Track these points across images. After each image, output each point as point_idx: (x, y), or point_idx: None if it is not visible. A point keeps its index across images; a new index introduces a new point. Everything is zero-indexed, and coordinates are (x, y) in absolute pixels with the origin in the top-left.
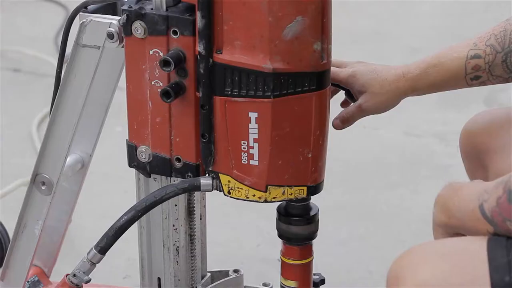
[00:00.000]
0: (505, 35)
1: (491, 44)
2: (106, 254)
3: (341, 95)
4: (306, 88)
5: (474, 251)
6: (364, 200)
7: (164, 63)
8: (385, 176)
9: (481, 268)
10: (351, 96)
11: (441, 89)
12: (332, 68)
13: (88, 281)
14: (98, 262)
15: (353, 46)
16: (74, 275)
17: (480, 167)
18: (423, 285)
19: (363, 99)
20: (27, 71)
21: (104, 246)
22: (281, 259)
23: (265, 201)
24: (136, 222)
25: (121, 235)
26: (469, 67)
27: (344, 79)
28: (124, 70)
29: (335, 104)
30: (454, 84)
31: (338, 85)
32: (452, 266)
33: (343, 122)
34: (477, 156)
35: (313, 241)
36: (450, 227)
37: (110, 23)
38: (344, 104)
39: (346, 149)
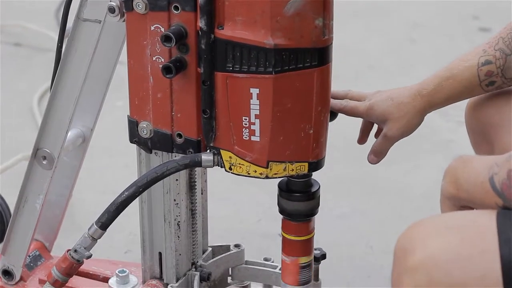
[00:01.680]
0: None
1: (500, 48)
2: (107, 229)
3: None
4: (308, 64)
5: (484, 224)
6: (365, 175)
7: (166, 39)
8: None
9: (490, 241)
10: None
11: (459, 99)
12: (352, 103)
13: (89, 256)
14: (99, 237)
15: (355, 20)
16: (75, 251)
17: (485, 141)
18: (431, 258)
19: (386, 128)
20: (28, 45)
21: (105, 221)
22: (282, 235)
23: (266, 177)
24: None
25: (122, 211)
26: (482, 74)
27: (364, 114)
28: (125, 44)
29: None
30: (471, 92)
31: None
32: (461, 239)
33: (377, 156)
34: (482, 130)
35: (314, 216)
36: (458, 200)
37: None
38: (377, 134)
39: (348, 124)
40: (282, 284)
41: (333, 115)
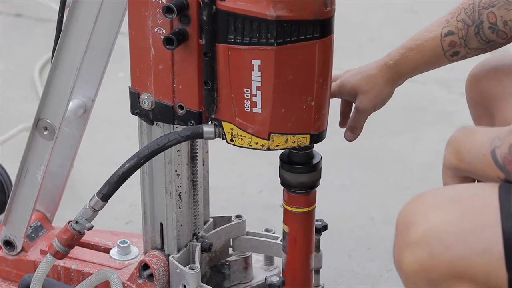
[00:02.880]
0: (473, 8)
1: (462, 18)
2: (108, 201)
3: None
4: (310, 36)
5: (486, 197)
6: (367, 146)
7: (167, 10)
8: (388, 122)
9: (492, 215)
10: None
11: (427, 69)
12: None
13: (91, 228)
14: (101, 209)
15: None
16: (77, 222)
17: (486, 113)
18: (433, 232)
19: (357, 102)
20: (29, 16)
21: (106, 193)
22: (283, 206)
23: (268, 149)
24: None
25: (123, 182)
26: (445, 44)
27: (336, 92)
28: (126, 15)
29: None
30: (436, 62)
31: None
32: (463, 213)
33: (352, 131)
34: (483, 102)
35: (316, 188)
36: (460, 171)
37: None
38: (341, 123)
39: None
40: (283, 255)
41: None
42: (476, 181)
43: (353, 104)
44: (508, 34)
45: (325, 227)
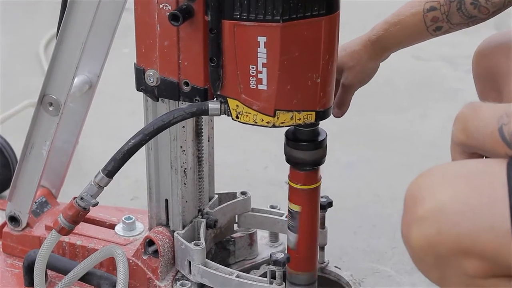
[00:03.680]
0: None
1: None
2: (113, 177)
3: None
4: (316, 13)
5: (494, 173)
6: (373, 123)
7: None
8: (394, 99)
9: (500, 191)
10: None
11: (411, 43)
12: None
13: (96, 204)
14: (106, 185)
15: None
16: (82, 198)
17: (493, 89)
18: (440, 208)
19: (343, 78)
20: None
21: (111, 169)
22: (288, 183)
23: (273, 126)
24: None
25: (128, 159)
26: (428, 20)
27: None
28: None
29: None
30: (419, 37)
31: None
32: (471, 188)
33: (340, 108)
34: (490, 78)
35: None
36: (468, 147)
37: None
38: None
39: None
40: (288, 231)
41: None
42: (484, 157)
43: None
44: (490, 10)
45: (330, 204)
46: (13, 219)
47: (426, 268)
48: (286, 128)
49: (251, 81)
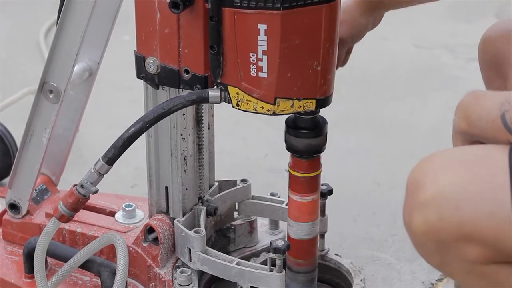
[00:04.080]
0: None
1: None
2: (113, 164)
3: None
4: (316, 0)
5: (496, 159)
6: (373, 111)
7: None
8: (394, 87)
9: (501, 177)
10: None
11: (402, 5)
12: None
13: (96, 191)
14: (106, 173)
15: None
16: (82, 186)
17: (498, 76)
18: (443, 192)
19: None
20: None
21: (111, 157)
22: (289, 171)
23: (274, 113)
24: None
25: (128, 146)
26: None
27: None
28: None
29: None
30: None
31: None
32: (473, 174)
33: None
34: (495, 64)
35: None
36: (470, 135)
37: None
38: None
39: (355, 60)
40: (288, 219)
41: None
42: None
43: None
44: None
45: (330, 192)
46: (13, 207)
47: (427, 254)
48: (286, 116)
49: (251, 69)
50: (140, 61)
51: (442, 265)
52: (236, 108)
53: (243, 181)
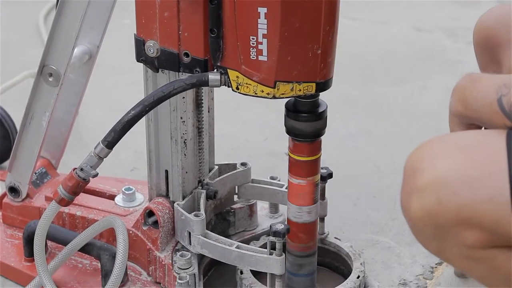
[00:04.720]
0: None
1: None
2: (113, 148)
3: None
4: None
5: (493, 144)
6: (373, 95)
7: None
8: (394, 71)
9: (499, 162)
10: None
11: None
12: None
13: (96, 175)
14: (106, 156)
15: None
16: (82, 169)
17: (493, 61)
18: (440, 178)
19: None
20: None
21: (111, 140)
22: (289, 155)
23: (274, 97)
24: None
25: (128, 130)
26: None
27: None
28: None
29: None
30: None
31: None
32: (471, 160)
33: None
34: (490, 49)
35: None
36: (466, 118)
37: None
38: None
39: (356, 44)
40: (288, 203)
41: None
42: (482, 128)
43: None
44: None
45: (330, 175)
46: (13, 190)
47: (425, 239)
48: (286, 100)
49: (251, 52)
50: (139, 45)
51: (441, 250)
52: (236, 91)
53: (243, 164)
